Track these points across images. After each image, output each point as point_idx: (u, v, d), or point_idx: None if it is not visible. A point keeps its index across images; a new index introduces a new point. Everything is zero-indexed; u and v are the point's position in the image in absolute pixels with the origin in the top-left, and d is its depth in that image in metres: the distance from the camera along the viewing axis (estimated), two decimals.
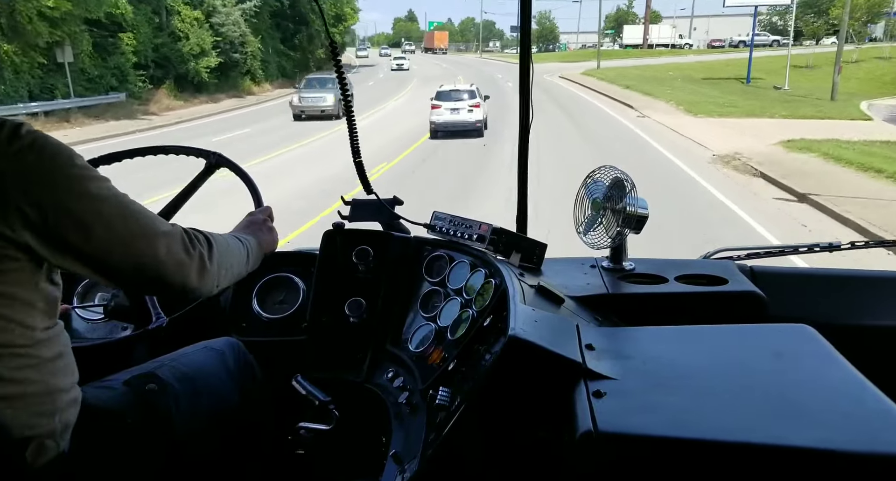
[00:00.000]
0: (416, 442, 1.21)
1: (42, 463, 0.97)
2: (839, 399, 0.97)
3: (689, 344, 1.18)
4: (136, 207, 1.00)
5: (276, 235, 1.38)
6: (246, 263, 1.22)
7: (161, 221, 1.03)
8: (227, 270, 1.13)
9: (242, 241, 1.23)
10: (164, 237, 1.01)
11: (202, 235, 1.09)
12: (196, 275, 1.04)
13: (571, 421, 0.95)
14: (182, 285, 1.03)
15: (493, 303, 1.31)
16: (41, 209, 0.90)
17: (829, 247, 1.79)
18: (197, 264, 1.04)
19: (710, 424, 0.92)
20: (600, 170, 1.62)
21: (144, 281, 1.02)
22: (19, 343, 0.93)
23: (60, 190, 0.92)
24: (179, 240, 1.03)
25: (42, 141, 0.93)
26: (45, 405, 0.97)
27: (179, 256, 1.02)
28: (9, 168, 0.89)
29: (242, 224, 1.36)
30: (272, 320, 1.67)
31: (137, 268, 0.99)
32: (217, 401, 1.33)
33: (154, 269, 1.00)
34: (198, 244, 1.06)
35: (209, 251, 1.08)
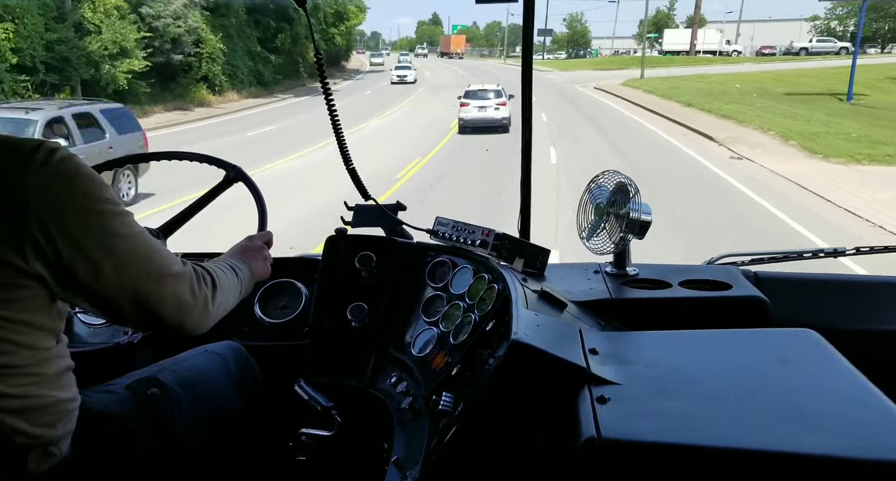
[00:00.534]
0: (418, 448, 1.21)
1: (45, 470, 0.98)
2: (845, 404, 0.96)
3: (694, 349, 1.18)
4: (151, 246, 1.00)
5: (269, 265, 1.36)
6: (239, 296, 1.22)
7: (173, 261, 1.03)
8: (224, 309, 1.14)
9: (238, 273, 1.22)
10: (172, 279, 1.01)
11: (209, 276, 1.09)
12: (196, 317, 1.05)
13: (575, 426, 0.95)
14: (179, 327, 1.04)
15: (495, 308, 1.31)
16: (56, 244, 0.90)
17: (834, 252, 1.78)
18: (200, 307, 1.05)
19: (714, 430, 0.92)
20: (604, 175, 1.62)
21: (144, 321, 1.03)
22: (25, 363, 0.94)
23: (80, 225, 0.91)
24: (188, 282, 1.03)
25: (74, 169, 0.92)
26: (49, 416, 0.98)
27: (184, 299, 1.02)
28: (33, 197, 0.88)
29: (240, 247, 1.34)
30: (274, 325, 1.67)
31: (140, 310, 0.99)
32: (218, 405, 1.33)
33: (156, 311, 1.00)
34: (203, 287, 1.06)
35: (213, 293, 1.08)
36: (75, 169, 0.92)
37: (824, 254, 1.79)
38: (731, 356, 1.14)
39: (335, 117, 1.59)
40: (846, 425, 0.91)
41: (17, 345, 0.92)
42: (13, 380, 0.92)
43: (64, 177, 0.91)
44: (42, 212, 0.88)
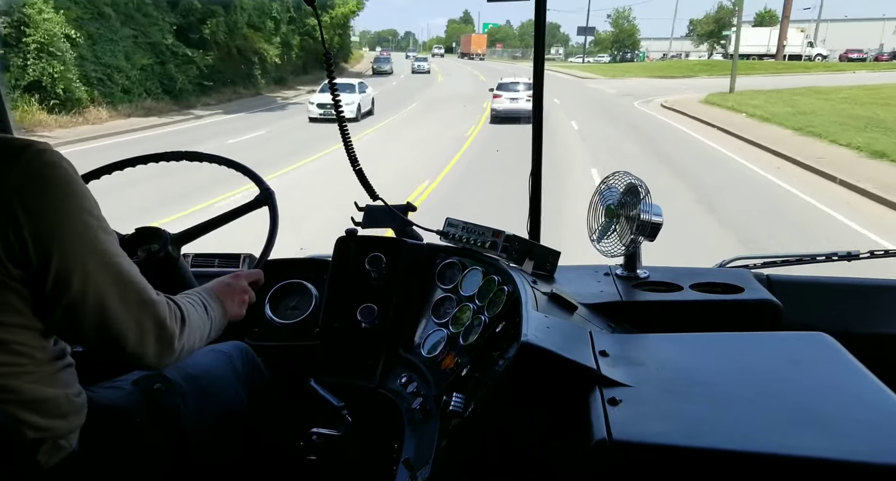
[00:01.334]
0: (428, 448, 1.21)
1: (55, 463, 0.99)
2: (859, 408, 0.95)
3: (705, 351, 1.17)
4: (126, 268, 0.96)
5: (244, 310, 1.28)
6: (206, 337, 1.15)
7: (147, 289, 0.99)
8: (188, 348, 1.08)
9: (210, 313, 1.16)
10: (141, 308, 0.97)
11: (179, 312, 1.04)
12: (158, 353, 1.00)
13: (585, 428, 0.94)
14: (139, 359, 1.00)
15: (505, 309, 1.30)
16: (27, 247, 0.87)
17: (848, 256, 1.77)
18: (165, 343, 1.00)
19: (726, 433, 0.91)
20: (614, 176, 1.61)
21: (102, 345, 0.98)
22: (25, 362, 0.94)
23: (55, 234, 0.89)
24: (156, 316, 0.99)
25: (60, 175, 0.89)
26: (56, 409, 0.99)
27: (148, 332, 0.98)
28: (12, 196, 0.86)
29: (222, 283, 1.26)
30: (285, 325, 1.68)
31: (100, 333, 0.95)
32: (224, 402, 1.34)
33: (117, 337, 0.96)
34: (173, 323, 1.02)
35: (181, 330, 1.03)
36: (61, 174, 0.89)
37: (838, 257, 1.77)
38: (743, 359, 1.13)
39: (342, 117, 1.59)
40: (861, 429, 0.90)
41: (14, 344, 0.92)
42: (17, 378, 0.93)
43: (47, 181, 0.88)
44: (18, 212, 0.86)
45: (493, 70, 28.82)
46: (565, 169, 10.16)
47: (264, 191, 1.51)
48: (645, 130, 15.82)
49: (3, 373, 0.92)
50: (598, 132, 15.28)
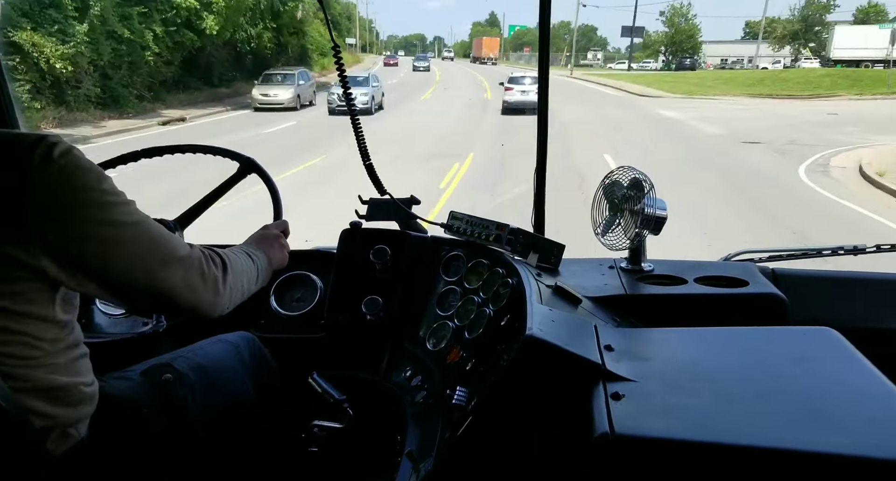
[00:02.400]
0: (431, 441, 1.21)
1: (63, 450, 1.01)
2: (864, 403, 0.95)
3: (710, 346, 1.17)
4: (156, 232, 1.01)
5: (286, 253, 1.37)
6: (256, 282, 1.22)
7: (180, 245, 1.04)
8: (239, 291, 1.14)
9: (254, 259, 1.23)
10: (180, 263, 1.02)
11: (219, 257, 1.10)
12: (209, 299, 1.06)
13: (589, 422, 0.95)
14: (194, 309, 1.05)
15: (510, 302, 1.31)
16: (63, 237, 0.90)
17: (854, 250, 1.76)
18: (211, 288, 1.06)
19: (730, 428, 0.91)
20: (619, 171, 1.61)
21: (158, 304, 1.04)
22: (37, 355, 0.95)
23: (85, 218, 0.92)
24: (197, 264, 1.04)
25: (74, 162, 0.92)
26: (67, 398, 1.00)
27: (195, 282, 1.03)
28: (36, 191, 0.88)
29: (256, 236, 1.35)
30: (290, 317, 1.69)
31: (153, 294, 1.00)
32: (231, 392, 1.35)
33: (169, 294, 1.01)
34: (213, 268, 1.07)
35: (224, 274, 1.09)
36: (75, 162, 0.92)
37: (844, 251, 1.76)
38: (747, 354, 1.13)
39: (353, 110, 1.59)
40: (866, 424, 0.90)
41: (25, 335, 0.93)
42: (29, 371, 0.94)
43: (65, 171, 0.91)
44: (45, 206, 0.89)
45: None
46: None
47: (244, 161, 1.59)
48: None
49: (18, 364, 0.93)
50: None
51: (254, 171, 1.59)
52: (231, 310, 1.13)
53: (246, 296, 1.18)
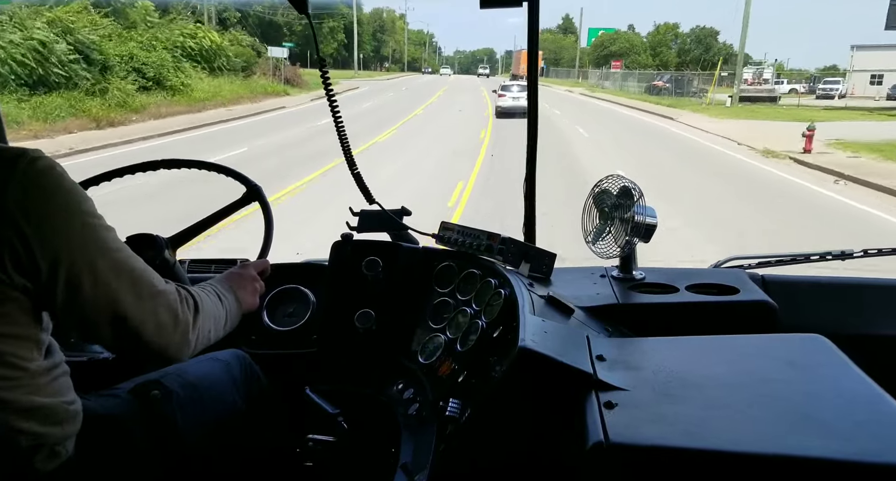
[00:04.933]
0: (425, 453, 1.21)
1: (51, 469, 0.99)
2: (855, 409, 0.95)
3: (701, 354, 1.17)
4: (132, 263, 0.97)
5: (257, 299, 1.30)
6: (224, 328, 1.17)
7: (155, 280, 1.00)
8: (205, 338, 1.09)
9: (224, 303, 1.17)
10: (152, 300, 0.98)
11: (192, 300, 1.06)
12: (177, 342, 1.02)
13: (582, 432, 0.95)
14: (159, 351, 1.01)
15: (502, 313, 1.31)
16: (35, 255, 0.87)
17: (842, 255, 1.77)
18: (181, 332, 1.02)
19: (723, 435, 0.91)
20: (608, 179, 1.62)
21: (121, 342, 0.99)
22: (19, 375, 0.94)
23: (60, 238, 0.89)
24: (170, 304, 1.00)
25: (56, 180, 0.90)
26: (53, 416, 0.99)
27: (164, 322, 0.99)
28: (14, 206, 0.86)
29: (231, 274, 1.28)
30: (282, 332, 1.68)
31: (117, 330, 0.96)
32: (221, 409, 1.33)
33: (134, 332, 0.97)
34: (186, 311, 1.03)
35: (195, 318, 1.04)
36: (57, 180, 0.90)
37: (832, 256, 1.78)
38: (739, 361, 1.13)
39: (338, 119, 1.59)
40: (857, 430, 0.90)
41: (5, 355, 0.91)
42: (11, 391, 0.93)
43: (45, 188, 0.88)
44: (21, 221, 0.86)
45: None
46: None
47: (250, 188, 1.54)
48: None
49: (1, 386, 0.92)
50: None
51: (257, 200, 1.54)
52: (185, 357, 1.07)
53: (210, 343, 1.12)
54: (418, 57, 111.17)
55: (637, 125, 22.63)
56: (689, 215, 8.44)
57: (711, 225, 8.23)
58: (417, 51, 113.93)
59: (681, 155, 15.18)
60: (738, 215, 8.99)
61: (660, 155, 14.91)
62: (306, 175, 10.75)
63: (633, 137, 18.64)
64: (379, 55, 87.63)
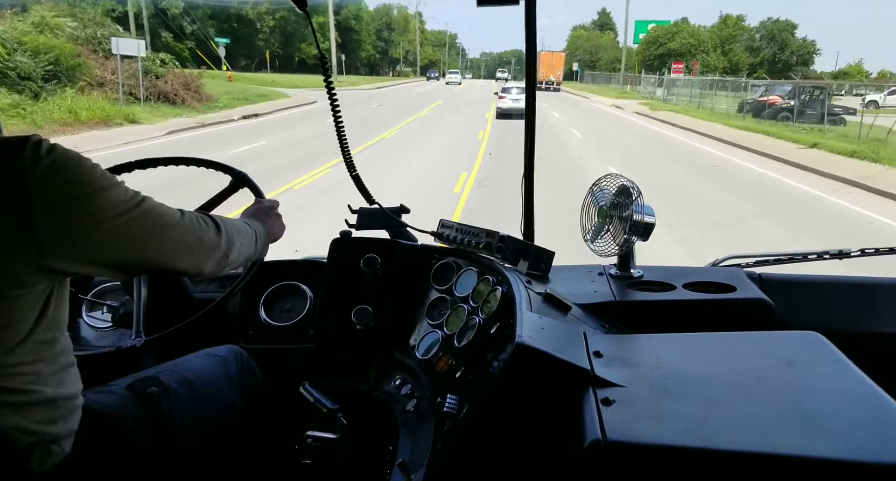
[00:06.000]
0: (423, 450, 1.21)
1: (47, 468, 0.99)
2: (852, 407, 0.96)
3: (699, 351, 1.17)
4: (148, 204, 1.02)
5: (283, 223, 1.41)
6: (254, 248, 1.25)
7: (171, 212, 1.06)
8: (236, 252, 1.17)
9: (251, 226, 1.26)
10: (175, 228, 1.05)
11: (210, 220, 1.13)
12: (207, 260, 1.09)
13: (579, 429, 0.95)
14: (197, 272, 1.09)
15: (499, 310, 1.31)
16: (67, 230, 0.90)
17: (839, 254, 1.78)
18: (208, 250, 1.09)
19: (720, 433, 0.91)
20: (606, 178, 1.62)
21: (157, 271, 1.06)
22: (26, 361, 0.94)
23: (84, 210, 0.92)
24: (190, 227, 1.07)
25: (64, 157, 0.92)
26: (50, 412, 0.99)
27: (192, 246, 1.06)
28: (36, 193, 0.88)
29: (250, 211, 1.38)
30: (279, 328, 1.68)
31: (155, 265, 1.03)
32: (218, 405, 1.34)
33: (168, 263, 1.04)
34: (206, 230, 1.10)
35: (217, 234, 1.12)
36: (64, 156, 0.93)
37: (829, 255, 1.78)
38: (736, 359, 1.14)
39: (339, 123, 1.59)
40: (854, 428, 0.90)
41: (17, 342, 0.92)
42: (16, 379, 0.93)
43: (57, 166, 0.91)
44: (47, 204, 0.89)
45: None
46: None
47: (236, 175, 1.59)
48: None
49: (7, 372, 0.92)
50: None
51: (246, 186, 1.59)
52: (229, 270, 1.16)
53: (246, 262, 1.21)
54: (436, 59, 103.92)
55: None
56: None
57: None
58: (437, 52, 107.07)
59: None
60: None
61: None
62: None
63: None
64: (388, 57, 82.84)
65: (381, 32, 78.82)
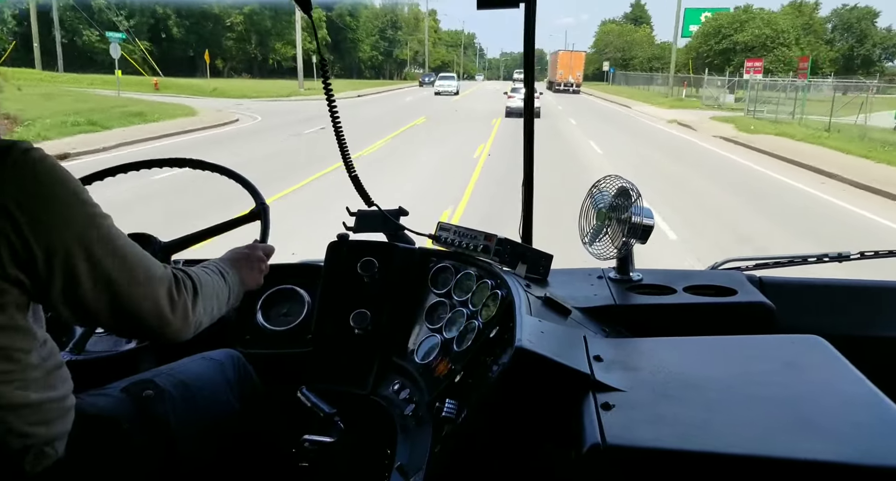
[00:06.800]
0: (421, 454, 1.20)
1: (40, 470, 0.98)
2: (853, 411, 0.95)
3: (699, 354, 1.17)
4: (129, 249, 0.98)
5: (262, 276, 1.34)
6: (226, 305, 1.19)
7: (152, 264, 1.01)
8: (208, 316, 1.12)
9: (227, 280, 1.20)
10: (150, 284, 0.99)
11: (190, 281, 1.08)
12: (176, 323, 1.03)
13: (579, 433, 0.94)
14: (159, 333, 1.03)
15: (498, 314, 1.30)
16: (31, 247, 0.88)
17: (839, 257, 1.78)
18: (180, 313, 1.03)
19: (721, 437, 0.91)
20: (605, 180, 1.61)
21: (119, 324, 1.01)
22: (13, 368, 0.93)
23: (55, 227, 0.89)
24: (167, 287, 1.02)
25: (49, 170, 0.90)
26: (42, 414, 0.98)
27: (162, 304, 1.00)
28: (9, 199, 0.86)
29: (237, 253, 1.32)
30: (276, 332, 1.67)
31: (116, 316, 0.97)
32: (214, 409, 1.33)
33: (132, 315, 0.98)
34: (184, 292, 1.05)
35: (194, 299, 1.06)
36: (50, 170, 0.90)
37: (829, 258, 1.78)
38: (736, 362, 1.13)
39: (337, 123, 1.59)
40: (855, 431, 0.90)
41: (3, 349, 0.91)
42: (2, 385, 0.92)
43: (39, 178, 0.88)
44: (16, 213, 0.86)
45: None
46: None
47: (260, 204, 1.55)
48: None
49: None
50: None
51: (259, 219, 1.55)
52: (190, 335, 1.09)
53: (214, 320, 1.14)
54: (450, 60, 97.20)
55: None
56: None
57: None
58: (451, 53, 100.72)
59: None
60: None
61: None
62: None
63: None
64: (393, 58, 75.18)
65: (384, 31, 71.87)
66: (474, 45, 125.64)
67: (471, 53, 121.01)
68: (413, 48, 78.18)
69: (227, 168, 1.62)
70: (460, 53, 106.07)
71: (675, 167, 12.62)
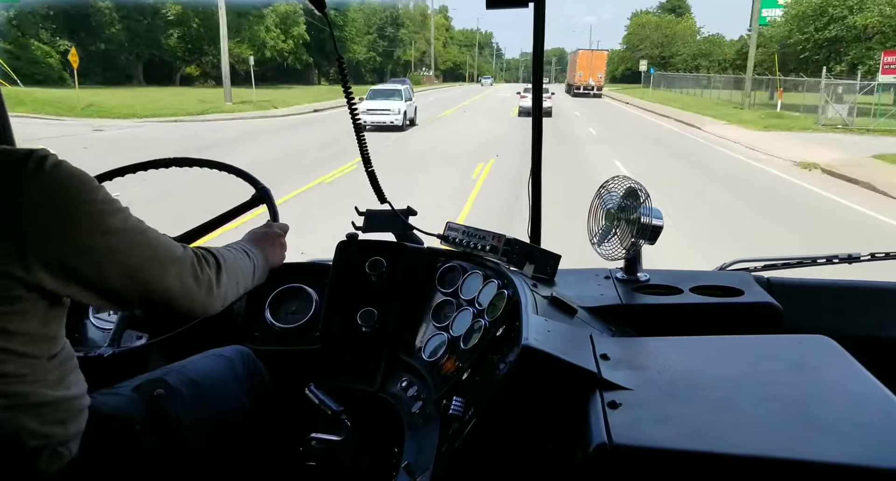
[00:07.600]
0: (428, 452, 1.20)
1: (55, 470, 0.99)
2: (862, 411, 0.95)
3: (707, 354, 1.17)
4: (149, 236, 1.02)
5: (284, 252, 1.40)
6: (252, 279, 1.24)
7: (173, 247, 1.05)
8: (233, 289, 1.16)
9: (250, 257, 1.25)
10: (174, 265, 1.03)
11: (212, 257, 1.11)
12: (203, 299, 1.07)
13: (586, 432, 0.94)
14: (189, 309, 1.07)
15: (505, 313, 1.30)
16: (60, 250, 0.91)
17: (849, 258, 1.76)
18: (205, 288, 1.07)
19: (728, 437, 0.90)
20: (614, 181, 1.61)
21: (152, 307, 1.05)
22: (26, 371, 0.95)
23: (81, 229, 0.92)
24: (189, 266, 1.05)
25: (67, 174, 0.92)
26: (59, 413, 0.99)
27: (188, 283, 1.05)
28: (31, 205, 0.89)
29: (257, 234, 1.37)
30: (285, 330, 1.68)
31: (146, 297, 1.01)
32: (225, 406, 1.34)
33: (162, 297, 1.02)
34: (206, 268, 1.09)
35: (217, 274, 1.11)
36: (67, 173, 0.92)
37: (839, 260, 1.77)
38: (744, 362, 1.13)
39: (357, 120, 1.58)
40: (863, 432, 0.89)
41: (16, 354, 0.93)
42: (19, 386, 0.94)
43: (59, 183, 0.91)
44: (42, 219, 0.89)
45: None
46: None
47: (260, 189, 1.57)
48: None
49: (11, 381, 0.93)
50: None
51: (264, 203, 1.57)
52: (221, 308, 1.14)
53: (241, 294, 1.20)
54: (462, 61, 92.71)
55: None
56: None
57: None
58: (464, 53, 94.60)
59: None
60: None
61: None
62: None
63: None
64: (394, 59, 68.20)
65: (384, 29, 64.40)
66: (491, 44, 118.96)
67: (487, 54, 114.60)
68: (420, 48, 71.74)
69: (215, 161, 1.62)
70: (475, 54, 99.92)
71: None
